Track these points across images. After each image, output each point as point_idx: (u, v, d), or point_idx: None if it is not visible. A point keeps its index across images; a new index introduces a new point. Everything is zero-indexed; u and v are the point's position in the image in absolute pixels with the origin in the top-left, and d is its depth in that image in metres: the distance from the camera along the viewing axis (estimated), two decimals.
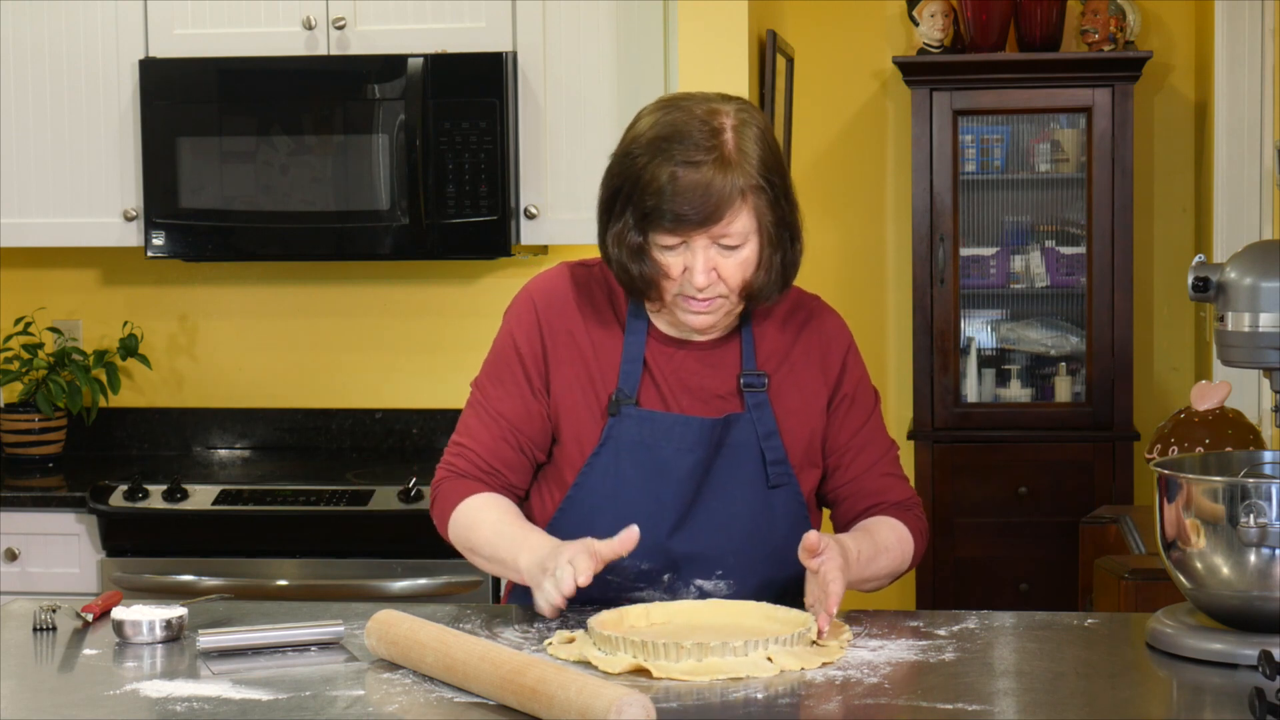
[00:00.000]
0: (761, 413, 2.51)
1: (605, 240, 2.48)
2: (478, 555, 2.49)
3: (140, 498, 4.01)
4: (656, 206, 2.38)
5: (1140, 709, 2.08)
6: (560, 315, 2.54)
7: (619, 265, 2.46)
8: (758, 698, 2.07)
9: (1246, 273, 2.26)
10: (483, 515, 2.50)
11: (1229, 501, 2.15)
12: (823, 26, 5.69)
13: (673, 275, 2.43)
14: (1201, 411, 3.23)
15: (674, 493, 2.49)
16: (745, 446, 2.51)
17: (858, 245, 5.77)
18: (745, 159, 2.38)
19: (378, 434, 4.62)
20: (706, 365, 2.53)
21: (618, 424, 2.49)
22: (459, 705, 2.06)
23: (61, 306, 4.71)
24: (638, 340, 2.52)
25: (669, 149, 2.38)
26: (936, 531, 5.41)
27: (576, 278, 2.57)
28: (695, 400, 2.51)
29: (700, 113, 2.41)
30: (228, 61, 4.23)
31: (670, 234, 2.40)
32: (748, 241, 2.41)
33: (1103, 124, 5.34)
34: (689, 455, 2.49)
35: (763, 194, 2.40)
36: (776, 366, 2.55)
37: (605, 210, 2.48)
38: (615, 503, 2.48)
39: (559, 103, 4.20)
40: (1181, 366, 5.68)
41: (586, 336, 2.53)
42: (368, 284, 4.62)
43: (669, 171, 2.37)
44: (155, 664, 2.27)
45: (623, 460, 2.49)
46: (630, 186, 2.41)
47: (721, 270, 2.42)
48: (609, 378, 2.51)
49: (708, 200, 2.36)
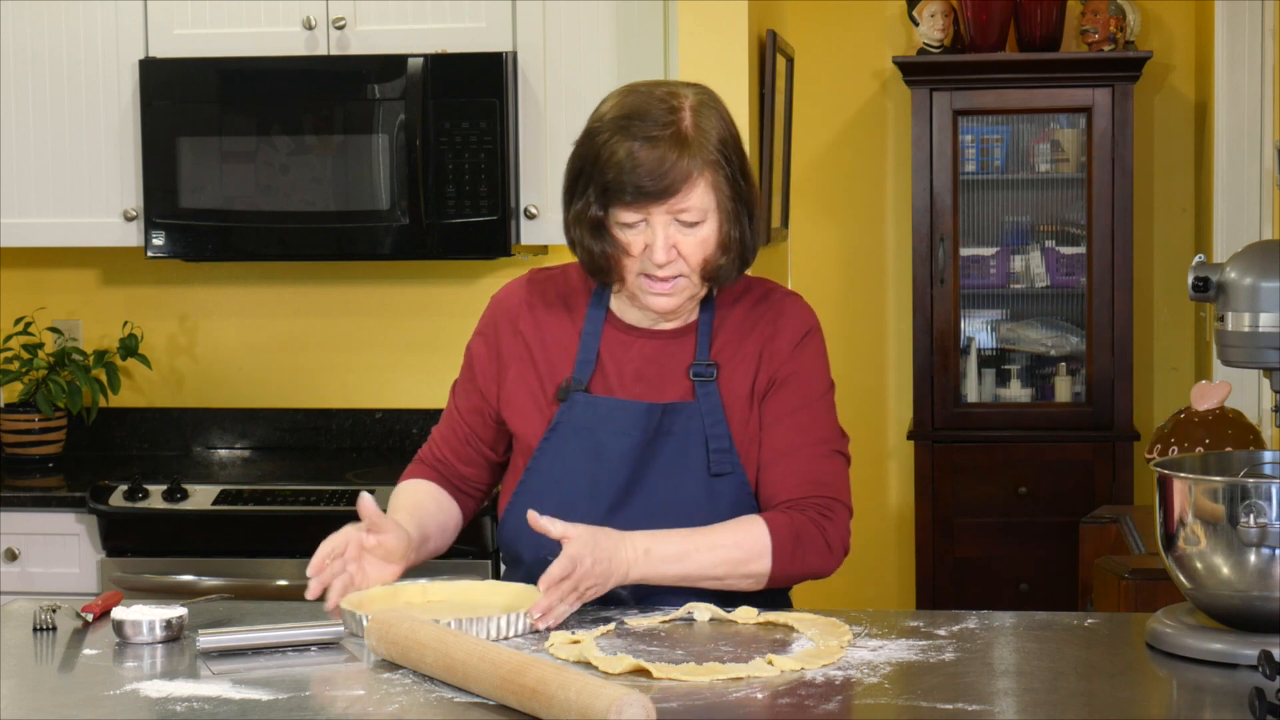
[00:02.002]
0: (710, 401, 2.54)
1: (568, 222, 2.54)
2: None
3: (140, 498, 4.01)
4: (616, 179, 2.44)
5: (1140, 709, 2.08)
6: (514, 317, 2.64)
7: (580, 246, 2.52)
8: (758, 698, 2.07)
9: (1246, 273, 2.26)
10: (398, 499, 2.74)
11: (1229, 501, 2.15)
12: (823, 26, 5.69)
13: (633, 253, 2.47)
14: (1201, 411, 3.23)
15: (609, 476, 2.53)
16: (690, 434, 2.53)
17: (858, 245, 5.77)
18: (703, 135, 2.45)
19: (378, 434, 4.62)
20: (663, 354, 2.57)
21: (566, 410, 2.56)
22: (459, 705, 2.06)
23: (61, 306, 4.71)
24: (594, 330, 2.58)
25: (628, 126, 2.45)
26: (936, 531, 5.42)
27: (534, 280, 2.67)
28: (648, 388, 2.55)
29: (660, 94, 2.49)
30: (228, 61, 4.23)
31: (630, 209, 2.45)
32: (707, 218, 2.47)
33: (1103, 124, 5.34)
34: (624, 439, 2.52)
35: (720, 170, 2.46)
36: (730, 356, 2.56)
37: (569, 192, 2.54)
38: (559, 487, 2.54)
39: (559, 103, 4.20)
40: (1181, 366, 5.68)
41: (538, 334, 2.61)
42: (368, 284, 4.62)
43: (627, 147, 2.43)
44: (155, 664, 2.27)
45: (569, 445, 2.55)
46: (590, 165, 2.48)
47: (682, 248, 2.47)
48: (561, 370, 2.58)
49: (665, 173, 2.42)
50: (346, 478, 4.18)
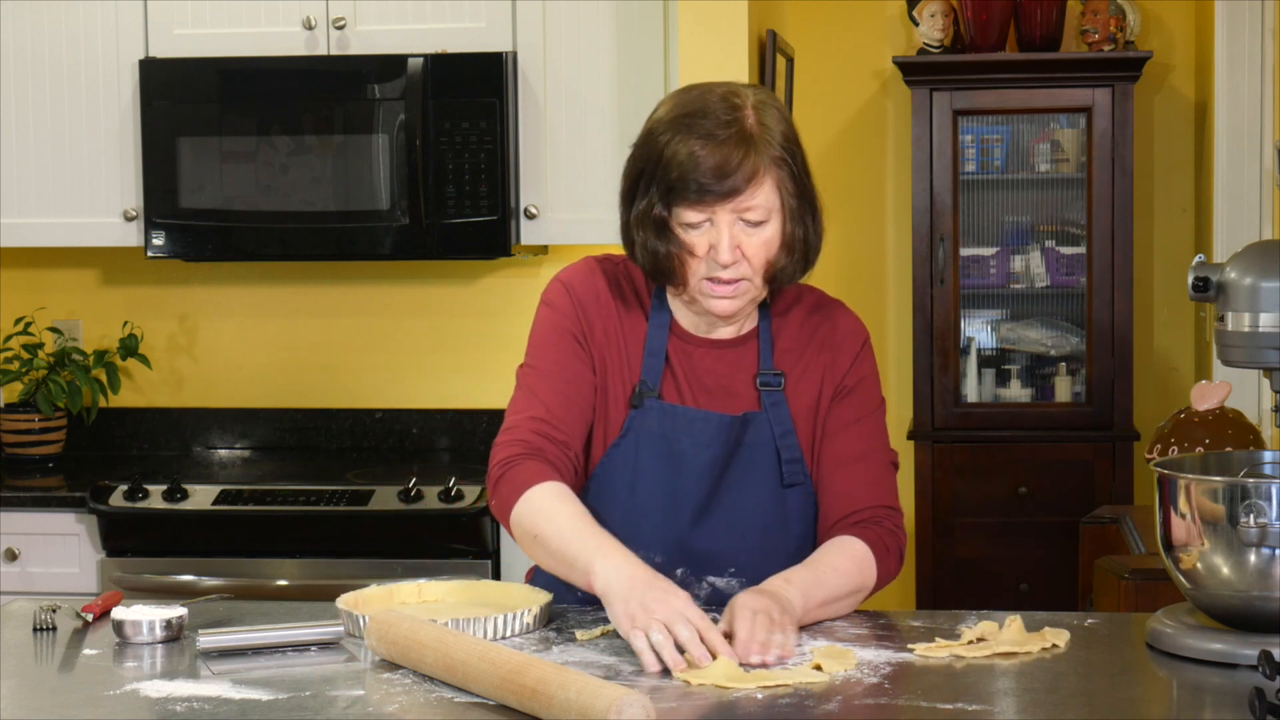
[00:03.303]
0: (778, 411, 2.51)
1: (629, 225, 2.47)
2: (541, 546, 2.39)
3: (140, 498, 4.01)
4: (681, 178, 2.39)
5: (1140, 709, 2.08)
6: (593, 303, 2.54)
7: (643, 248, 2.46)
8: (758, 698, 2.06)
9: (1246, 273, 2.26)
10: (555, 504, 2.39)
11: (1229, 501, 2.15)
12: (823, 26, 5.69)
13: (698, 254, 2.42)
14: (1201, 411, 3.23)
15: (691, 488, 2.49)
16: (761, 445, 2.51)
17: (858, 245, 5.77)
18: (767, 132, 2.41)
19: (378, 434, 4.62)
20: (724, 364, 2.53)
21: (640, 415, 2.49)
22: (459, 705, 2.06)
23: (61, 306, 4.71)
24: (660, 334, 2.52)
25: (690, 124, 2.40)
26: (936, 531, 5.41)
27: (605, 269, 2.58)
28: (711, 398, 2.52)
29: (720, 92, 2.44)
30: (228, 61, 4.23)
31: (694, 208, 2.40)
32: (771, 218, 2.43)
33: (1103, 124, 5.34)
34: (707, 450, 2.49)
35: (785, 166, 2.42)
36: (792, 365, 2.55)
37: (628, 196, 2.48)
38: (632, 494, 2.49)
39: (559, 103, 4.20)
40: (1181, 366, 5.68)
41: (616, 326, 2.53)
42: (368, 284, 4.62)
43: (690, 145, 2.38)
44: (155, 664, 2.27)
45: (642, 452, 2.49)
46: (653, 166, 2.42)
47: (746, 248, 2.42)
48: (633, 369, 2.52)
49: (731, 171, 2.38)
50: (346, 478, 4.18)
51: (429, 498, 3.94)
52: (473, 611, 2.41)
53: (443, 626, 2.22)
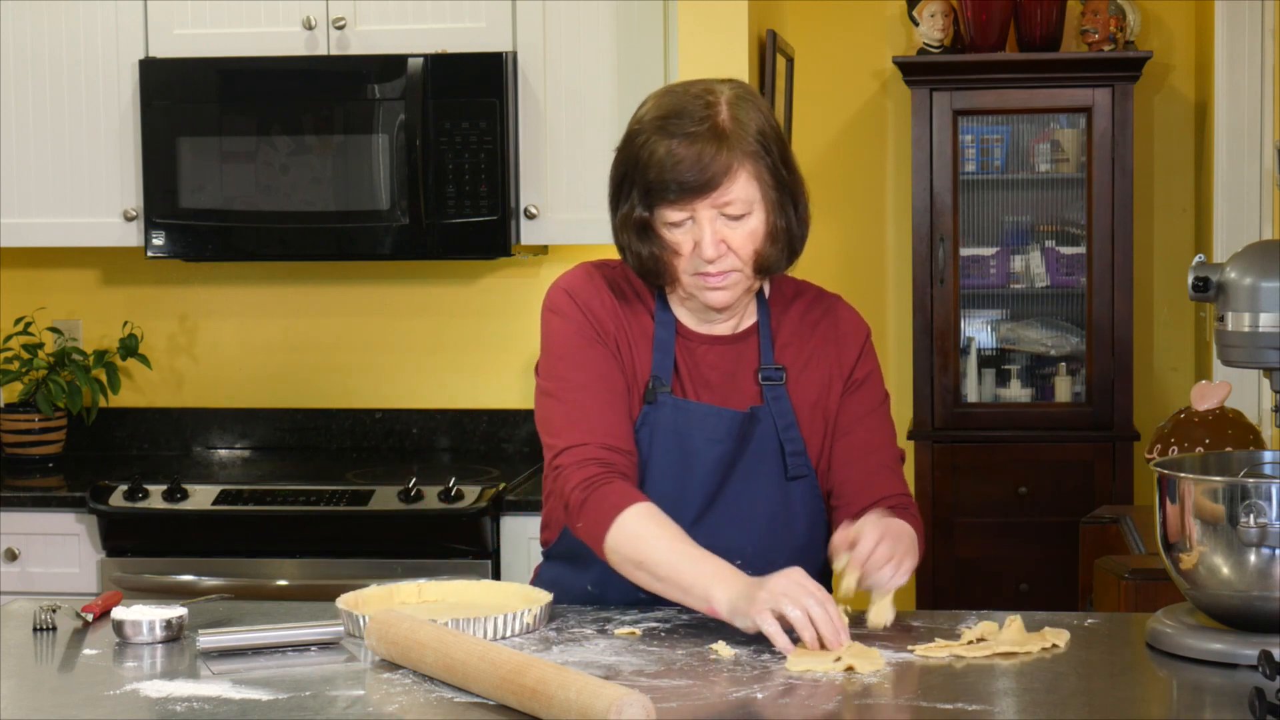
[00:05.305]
0: (780, 405, 2.54)
1: (616, 228, 2.52)
2: (647, 573, 2.38)
3: (140, 498, 4.01)
4: (659, 179, 2.42)
5: (1140, 709, 2.08)
6: (599, 305, 2.56)
7: (630, 251, 2.50)
8: (758, 697, 2.07)
9: (1246, 273, 2.27)
10: (653, 529, 2.39)
11: (1229, 501, 2.15)
12: (823, 26, 5.69)
13: (683, 252, 2.46)
14: (1201, 411, 3.23)
15: (700, 482, 2.52)
16: (765, 439, 2.53)
17: (858, 245, 5.77)
18: (740, 127, 2.44)
19: (378, 434, 4.62)
20: (726, 359, 2.56)
21: (654, 410, 2.52)
22: (459, 705, 2.06)
23: (61, 306, 4.71)
24: (668, 332, 2.55)
25: (665, 125, 2.44)
26: (936, 531, 5.41)
27: (604, 273, 2.60)
28: (714, 393, 2.54)
29: (695, 91, 2.48)
30: (228, 61, 4.23)
31: (674, 207, 2.44)
32: (753, 210, 2.45)
33: (1103, 124, 5.34)
34: (718, 446, 2.51)
35: (760, 160, 2.45)
36: (793, 359, 2.57)
37: (614, 198, 2.52)
38: (643, 488, 2.49)
39: (559, 103, 4.20)
40: (1181, 366, 5.68)
41: (623, 325, 2.56)
42: (368, 284, 4.62)
43: (666, 145, 2.42)
44: (155, 664, 2.27)
45: (655, 447, 2.52)
46: (632, 168, 2.47)
47: (731, 242, 2.45)
48: (641, 365, 2.54)
49: (705, 166, 2.41)
50: (346, 478, 4.18)
51: (429, 498, 3.94)
52: (473, 611, 2.41)
53: (443, 626, 2.22)
